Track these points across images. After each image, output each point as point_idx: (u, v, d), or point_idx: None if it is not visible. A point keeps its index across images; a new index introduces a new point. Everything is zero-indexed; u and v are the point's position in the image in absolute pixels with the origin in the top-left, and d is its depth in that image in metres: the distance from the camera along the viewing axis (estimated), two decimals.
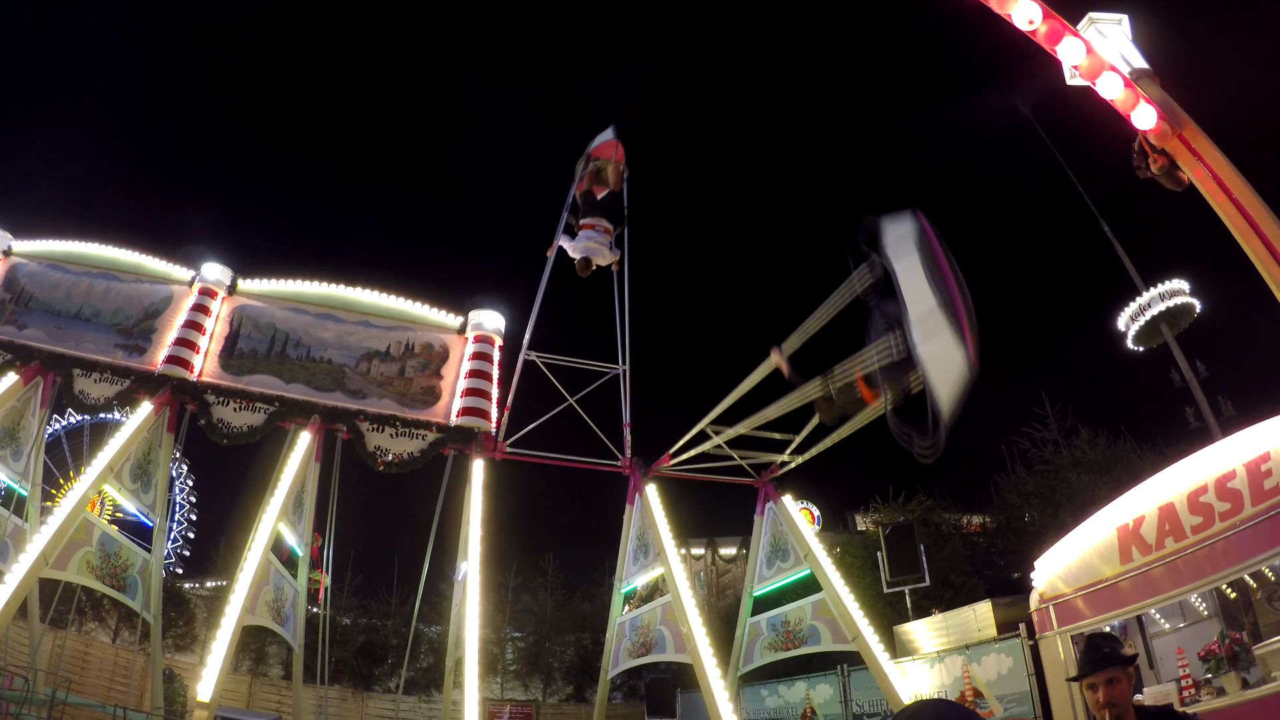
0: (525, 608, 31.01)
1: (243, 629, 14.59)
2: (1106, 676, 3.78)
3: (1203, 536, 10.25)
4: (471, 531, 17.55)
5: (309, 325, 20.35)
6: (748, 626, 18.65)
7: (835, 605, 16.03)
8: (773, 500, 18.93)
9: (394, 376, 20.01)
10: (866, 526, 31.08)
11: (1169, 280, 28.38)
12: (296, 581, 18.52)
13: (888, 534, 19.08)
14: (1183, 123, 7.86)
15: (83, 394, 18.81)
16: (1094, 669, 3.82)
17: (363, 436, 18.92)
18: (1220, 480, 10.18)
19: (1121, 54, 8.31)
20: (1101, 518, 12.25)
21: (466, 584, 16.95)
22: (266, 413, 18.92)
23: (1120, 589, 11.49)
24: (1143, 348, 29.50)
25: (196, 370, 19.20)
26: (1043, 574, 13.28)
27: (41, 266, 20.77)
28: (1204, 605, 12.15)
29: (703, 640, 15.29)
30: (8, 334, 19.49)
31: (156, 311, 20.00)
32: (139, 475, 17.52)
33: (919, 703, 2.54)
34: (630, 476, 19.59)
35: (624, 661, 18.36)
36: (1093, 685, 3.83)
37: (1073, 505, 18.77)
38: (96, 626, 26.50)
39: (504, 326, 21.12)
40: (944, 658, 15.04)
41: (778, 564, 18.40)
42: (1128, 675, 3.84)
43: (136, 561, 17.13)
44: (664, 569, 16.92)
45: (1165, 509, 10.99)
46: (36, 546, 14.19)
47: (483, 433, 19.37)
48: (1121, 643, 4.03)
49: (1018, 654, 13.41)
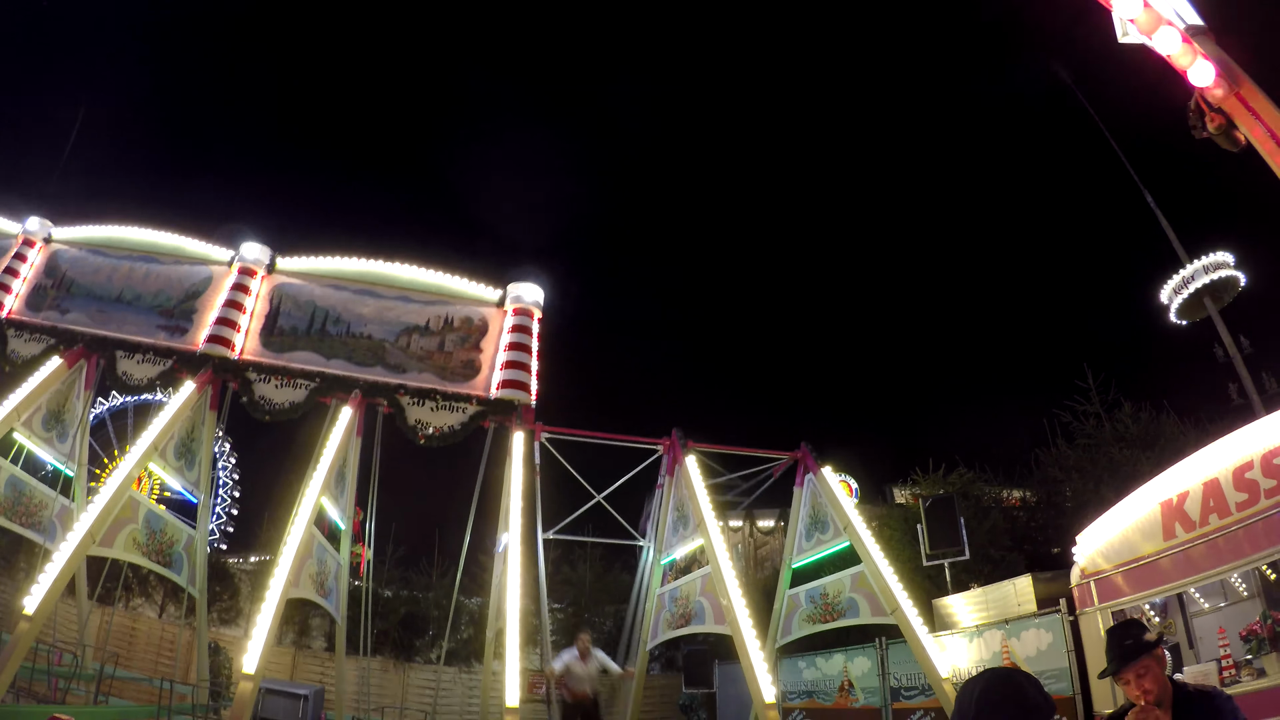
0: (565, 579, 31.20)
1: (286, 602, 14.80)
2: (1136, 671, 3.74)
3: (1248, 514, 10.00)
4: (512, 504, 17.66)
5: (348, 301, 20.54)
6: (786, 598, 18.70)
7: (874, 578, 16.01)
8: (812, 472, 18.86)
9: (434, 350, 20.16)
10: (905, 499, 30.90)
11: (1214, 252, 27.76)
12: (339, 555, 18.79)
13: (928, 506, 18.94)
14: (1240, 80, 7.68)
15: (126, 375, 19.16)
16: (1122, 665, 3.77)
17: (403, 410, 19.10)
18: (1267, 456, 9.92)
19: (1176, 10, 8.09)
20: (1144, 493, 12.04)
21: (507, 555, 17.09)
22: (308, 389, 19.17)
23: (1161, 566, 11.31)
24: (1186, 321, 28.93)
25: (238, 349, 19.47)
26: (1084, 549, 13.12)
27: (82, 252, 21.16)
28: (1244, 585, 11.97)
29: (742, 612, 15.32)
30: (51, 319, 19.89)
31: (197, 292, 20.30)
32: (183, 453, 17.84)
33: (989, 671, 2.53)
34: (670, 449, 19.63)
35: (663, 633, 18.47)
36: (1125, 681, 3.79)
37: (1114, 480, 18.50)
38: (143, 602, 27.10)
39: (543, 298, 21.18)
40: (983, 632, 14.96)
41: (817, 536, 18.37)
42: (1157, 660, 3.78)
43: (182, 538, 17.48)
44: (704, 540, 16.95)
45: (1210, 484, 10.75)
46: (84, 525, 14.52)
47: (523, 405, 19.49)
48: (1145, 626, 3.95)
49: (1057, 630, 13.29)
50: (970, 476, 23.17)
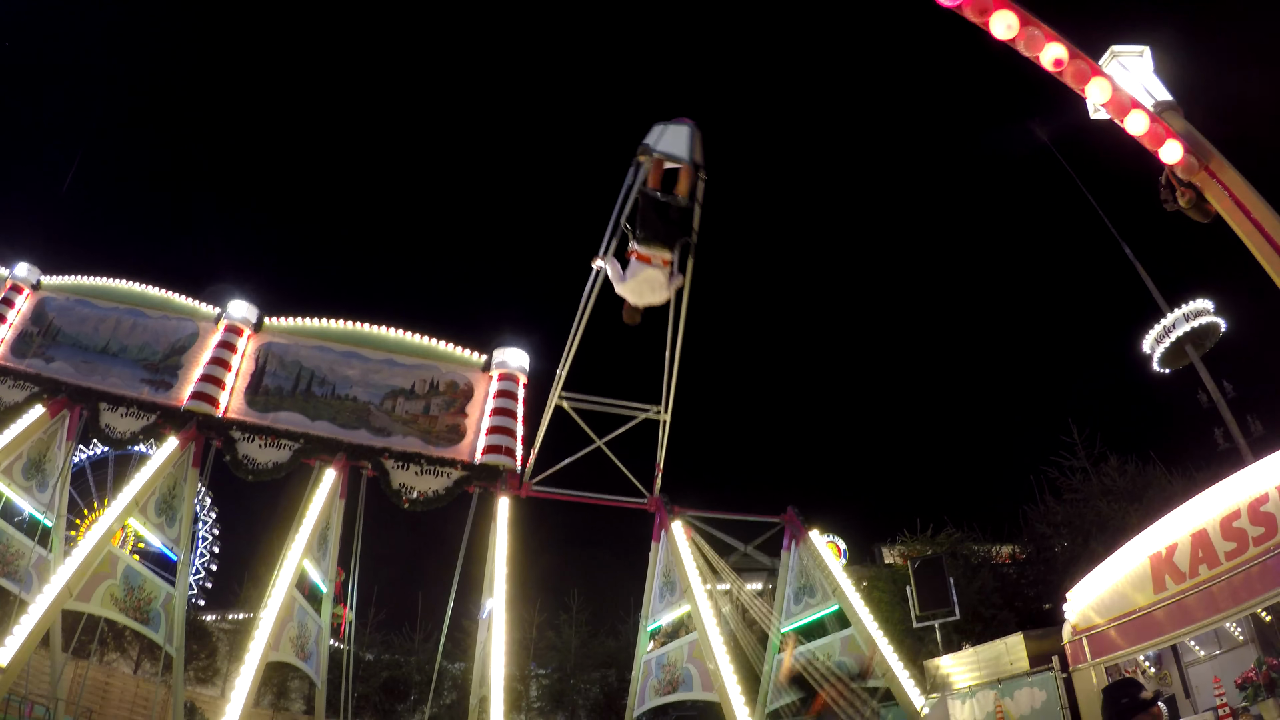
0: (550, 644, 30.79)
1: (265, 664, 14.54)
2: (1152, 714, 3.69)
3: (1237, 562, 10.02)
4: (496, 568, 17.48)
5: (334, 363, 20.48)
6: (776, 663, 18.42)
7: (865, 642, 15.82)
8: (799, 536, 18.78)
9: (419, 414, 20.09)
10: (894, 559, 30.71)
11: (1193, 300, 28.06)
12: (320, 617, 18.48)
13: (916, 567, 18.82)
14: (1209, 155, 7.80)
15: (109, 428, 18.98)
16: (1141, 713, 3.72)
17: (387, 474, 18.94)
18: (1253, 504, 9.96)
19: (1145, 87, 8.27)
20: (1133, 546, 12.04)
21: (491, 621, 16.85)
22: (292, 449, 19.00)
23: (1154, 618, 11.25)
24: (1169, 370, 29.10)
25: (222, 407, 19.34)
26: (1075, 605, 13.05)
27: (69, 301, 21.10)
28: (1240, 632, 11.89)
29: (730, 678, 15.12)
30: (35, 367, 19.76)
31: (183, 348, 20.22)
32: (164, 510, 17.61)
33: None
34: (656, 514, 19.52)
35: (650, 699, 18.14)
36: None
37: (1103, 534, 18.49)
38: (118, 657, 26.61)
39: (528, 364, 21.21)
40: (975, 693, 14.74)
41: (806, 600, 18.21)
42: (1153, 717, 3.73)
43: (160, 594, 17.16)
44: (690, 606, 16.77)
45: (1198, 535, 10.77)
46: (60, 578, 14.29)
47: (508, 470, 19.37)
48: (1141, 684, 3.91)
49: (1051, 687, 13.12)
50: (958, 535, 23.12)
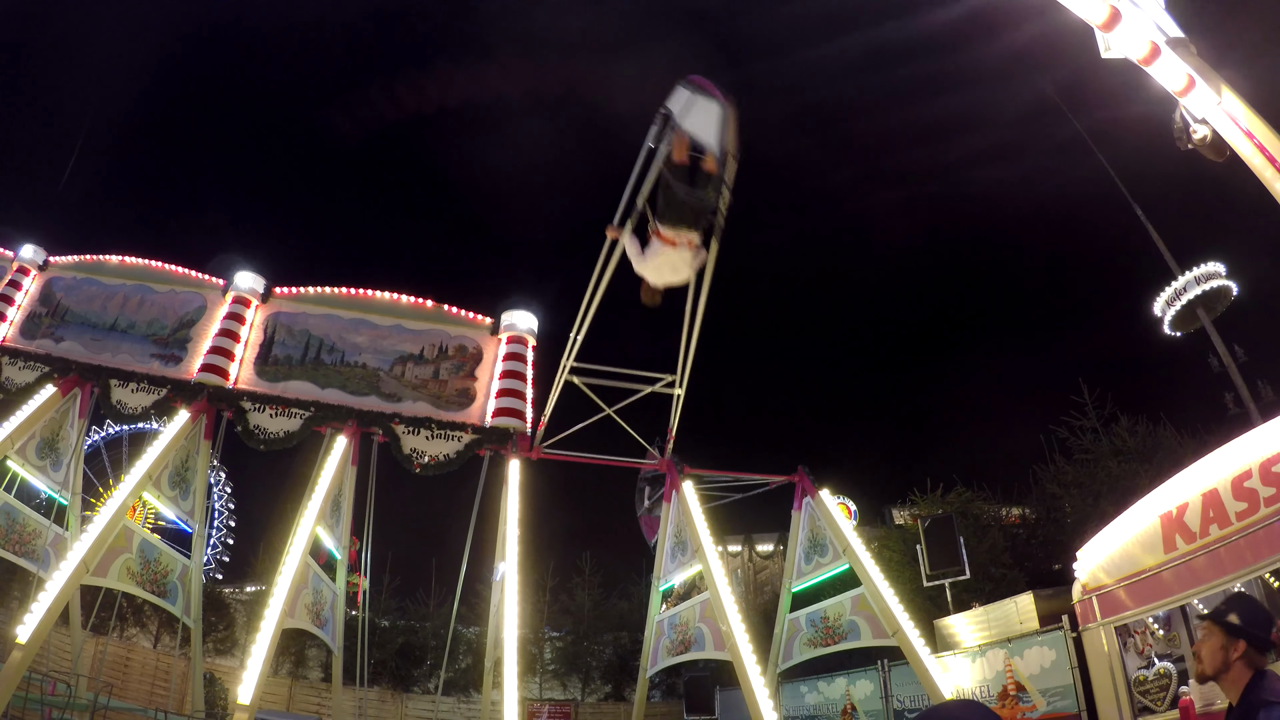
0: (563, 607, 31.06)
1: (282, 632, 14.69)
2: (1201, 631, 3.70)
3: (1249, 522, 9.97)
4: (508, 532, 17.58)
5: (343, 330, 20.51)
6: (786, 622, 18.54)
7: (875, 600, 15.90)
8: (810, 495, 18.78)
9: (428, 379, 20.11)
10: (904, 520, 30.75)
11: (1205, 263, 27.89)
12: (335, 584, 18.66)
13: (927, 527, 18.83)
14: (1222, 91, 7.67)
15: (120, 404, 19.10)
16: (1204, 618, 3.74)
17: (398, 439, 19.02)
18: (1265, 464, 9.90)
19: (1156, 22, 8.10)
20: (1143, 506, 11.99)
21: (504, 584, 16.97)
22: (302, 418, 19.10)
23: (1163, 579, 11.24)
24: (1180, 333, 29.02)
25: (232, 378, 19.42)
26: (1085, 565, 13.04)
27: (77, 280, 21.17)
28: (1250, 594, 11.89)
29: (742, 637, 15.21)
30: (45, 347, 19.87)
31: (191, 321, 20.28)
32: (177, 482, 17.75)
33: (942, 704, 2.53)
34: (667, 475, 19.55)
35: (663, 659, 18.31)
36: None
37: (1113, 494, 18.43)
38: (137, 632, 26.89)
39: (537, 325, 21.18)
40: (985, 651, 14.83)
41: (816, 559, 18.26)
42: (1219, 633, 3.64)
43: (176, 567, 17.35)
44: (702, 566, 16.85)
45: (1209, 495, 10.72)
46: (77, 554, 14.42)
47: (518, 433, 19.42)
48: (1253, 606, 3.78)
49: (1060, 647, 13.17)
50: (969, 495, 23.06)
